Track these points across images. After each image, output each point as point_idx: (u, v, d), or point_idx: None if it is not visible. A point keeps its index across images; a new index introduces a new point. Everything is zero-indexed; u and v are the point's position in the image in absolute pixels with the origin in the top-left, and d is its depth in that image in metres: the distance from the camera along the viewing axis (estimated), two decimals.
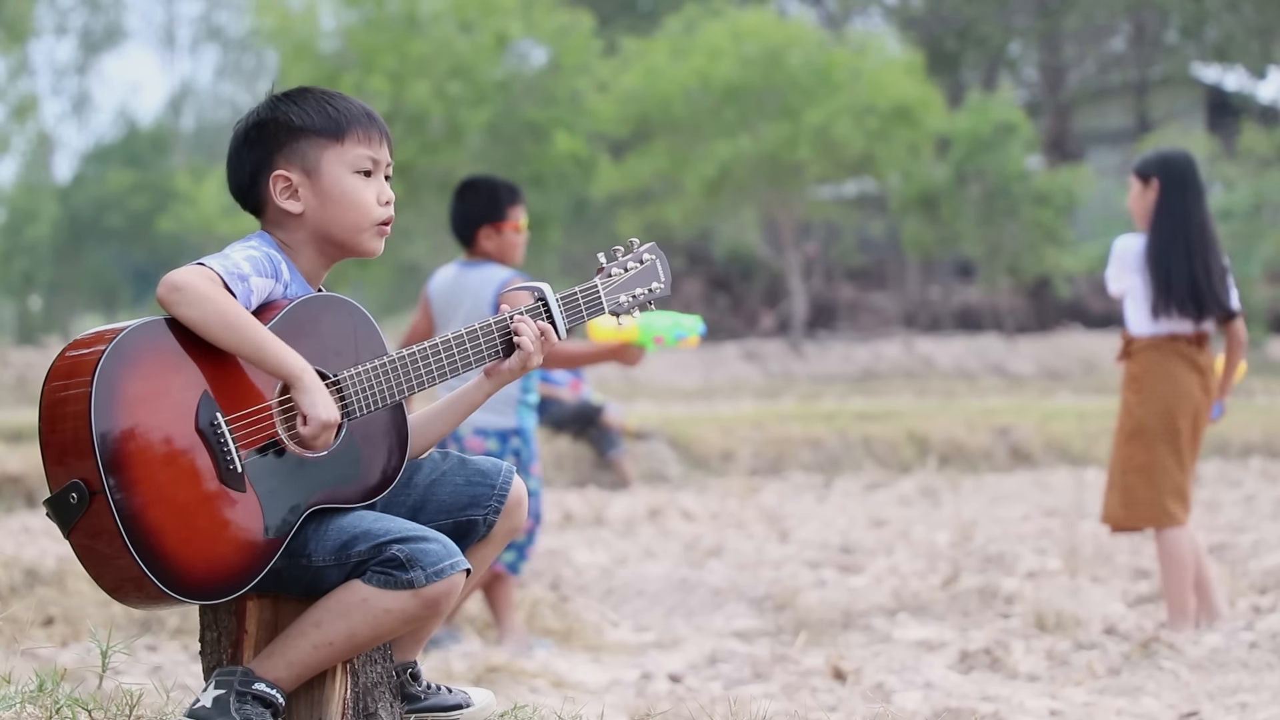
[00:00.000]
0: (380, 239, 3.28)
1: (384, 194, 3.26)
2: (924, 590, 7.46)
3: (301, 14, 28.36)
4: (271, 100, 3.24)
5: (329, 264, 3.28)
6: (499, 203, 6.50)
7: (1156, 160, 6.44)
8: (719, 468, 13.23)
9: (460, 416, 3.34)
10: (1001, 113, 30.67)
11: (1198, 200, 6.35)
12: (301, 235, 3.23)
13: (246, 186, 3.24)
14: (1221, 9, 35.30)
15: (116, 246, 43.95)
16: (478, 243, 6.49)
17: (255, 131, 3.22)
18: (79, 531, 2.92)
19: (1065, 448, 14.16)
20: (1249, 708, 4.95)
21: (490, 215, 6.48)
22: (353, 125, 3.22)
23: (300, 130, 3.20)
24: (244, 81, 52.28)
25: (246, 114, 3.27)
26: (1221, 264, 6.37)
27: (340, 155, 3.21)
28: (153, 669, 5.66)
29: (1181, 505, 6.31)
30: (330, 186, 3.20)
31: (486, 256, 6.49)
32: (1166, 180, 6.36)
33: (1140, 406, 6.37)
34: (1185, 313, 6.29)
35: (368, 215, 3.23)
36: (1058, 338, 31.41)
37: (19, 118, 32.83)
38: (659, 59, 29.23)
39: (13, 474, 10.62)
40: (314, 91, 3.25)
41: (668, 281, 3.47)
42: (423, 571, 3.03)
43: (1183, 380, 6.33)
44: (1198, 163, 6.50)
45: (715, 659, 6.17)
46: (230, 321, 2.96)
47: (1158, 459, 6.30)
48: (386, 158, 3.27)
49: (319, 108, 3.21)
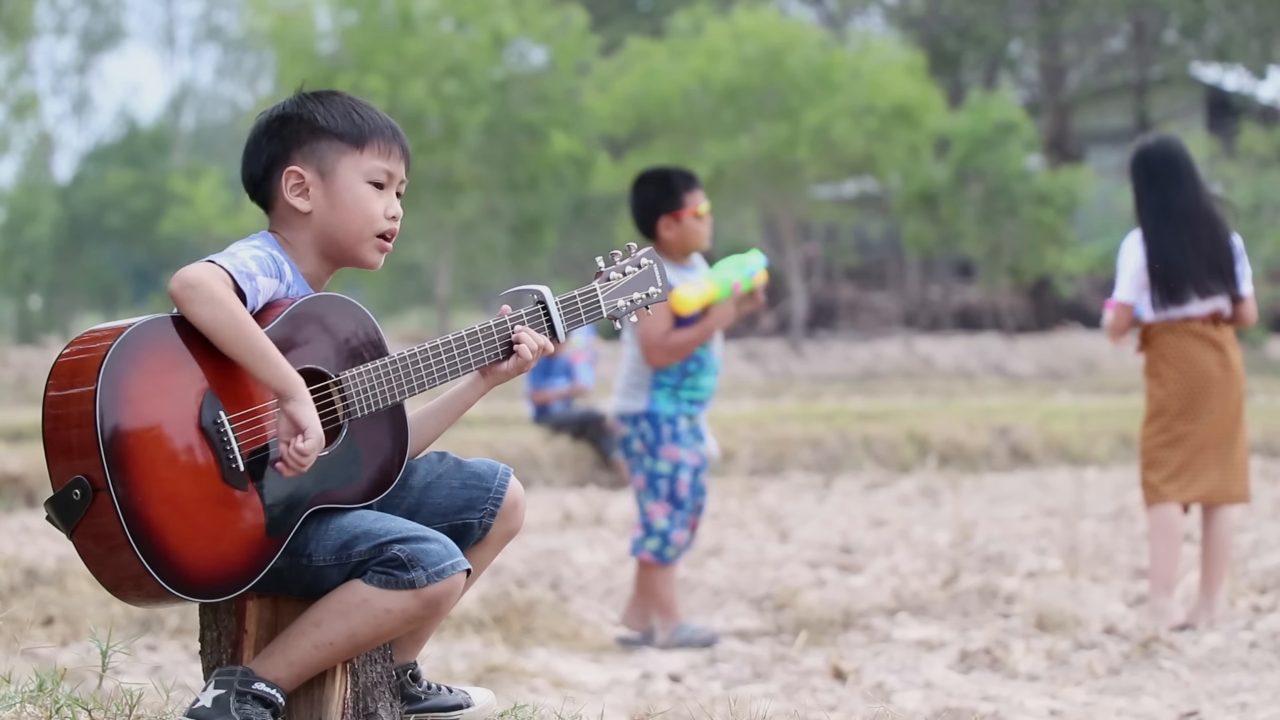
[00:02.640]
0: (380, 254, 3.27)
1: (392, 208, 3.26)
2: (924, 590, 7.46)
3: (297, 14, 28.34)
4: (300, 97, 3.25)
5: (331, 269, 3.28)
6: (674, 191, 6.53)
7: (1132, 155, 6.50)
8: (719, 468, 13.23)
9: (454, 416, 3.34)
10: (1001, 112, 30.68)
11: (1172, 185, 6.37)
12: (306, 236, 3.23)
13: (259, 178, 3.24)
14: (1221, 9, 35.30)
15: (116, 246, 43.96)
16: (658, 233, 6.54)
17: (278, 124, 3.23)
18: (81, 529, 2.92)
19: (1065, 448, 14.16)
20: (1249, 708, 4.95)
21: (667, 204, 6.53)
22: (374, 136, 3.23)
23: (323, 131, 3.21)
24: (244, 81, 52.32)
25: (272, 106, 3.28)
26: (1215, 244, 6.36)
27: (357, 163, 3.21)
28: (153, 669, 5.66)
29: (1177, 486, 6.35)
30: (341, 191, 3.21)
31: (666, 245, 6.53)
32: (1135, 172, 6.45)
33: (1161, 389, 6.41)
34: (1178, 299, 6.33)
35: (371, 225, 3.23)
36: (1058, 338, 31.42)
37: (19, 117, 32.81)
38: (660, 59, 29.24)
39: (13, 474, 10.63)
40: (343, 97, 3.26)
41: (665, 287, 3.48)
42: (424, 571, 3.03)
43: (1199, 360, 6.37)
44: (1174, 146, 6.46)
45: (715, 659, 6.17)
46: (235, 327, 2.96)
47: (1174, 439, 6.35)
48: (402, 175, 3.28)
49: (345, 113, 3.23)
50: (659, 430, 6.50)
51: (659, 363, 6.44)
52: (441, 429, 3.34)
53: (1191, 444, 6.39)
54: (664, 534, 6.51)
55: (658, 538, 6.52)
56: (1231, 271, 6.39)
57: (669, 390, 6.51)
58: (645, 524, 6.53)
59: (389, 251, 3.30)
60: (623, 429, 6.59)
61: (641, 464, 6.53)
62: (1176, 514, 6.38)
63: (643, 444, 6.51)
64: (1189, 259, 6.33)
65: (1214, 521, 6.43)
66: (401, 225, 3.32)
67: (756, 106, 29.08)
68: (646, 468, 6.52)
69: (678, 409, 6.52)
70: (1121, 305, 6.45)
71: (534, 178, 28.87)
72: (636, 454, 6.54)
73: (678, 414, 6.52)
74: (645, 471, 6.52)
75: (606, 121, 29.37)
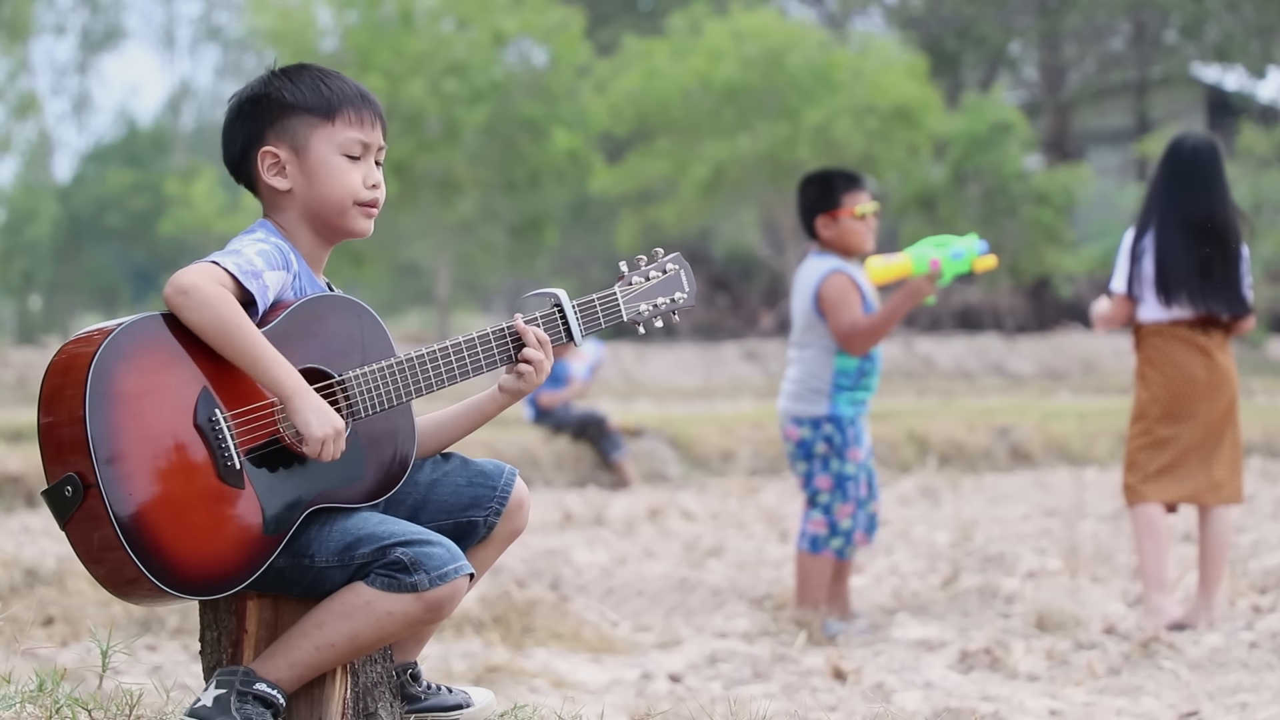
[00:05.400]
0: (367, 220, 3.26)
1: (370, 177, 3.24)
2: (924, 590, 7.46)
3: (298, 13, 28.34)
4: (268, 75, 3.25)
5: (326, 245, 3.27)
6: (832, 191, 6.68)
7: (1165, 148, 6.50)
8: (719, 468, 13.23)
9: (470, 427, 3.32)
10: (997, 112, 30.67)
11: (1187, 191, 6.36)
12: (294, 215, 3.22)
13: (238, 160, 3.25)
14: (1221, 9, 35.29)
15: (116, 246, 43.92)
16: (818, 233, 6.70)
17: (249, 106, 3.23)
18: (74, 525, 2.93)
19: (1065, 448, 14.16)
20: (1249, 708, 4.95)
21: (824, 204, 6.67)
22: (344, 106, 3.21)
23: (292, 107, 3.20)
24: (244, 81, 52.22)
25: (242, 87, 3.28)
26: (1224, 259, 6.35)
27: (330, 135, 3.20)
28: (153, 669, 5.66)
29: (1157, 486, 6.36)
30: (317, 166, 3.20)
31: (827, 245, 6.69)
32: (1160, 165, 6.51)
33: (1145, 391, 6.43)
34: (1167, 302, 6.35)
35: (352, 195, 3.22)
36: (1058, 338, 31.40)
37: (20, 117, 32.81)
38: (660, 60, 29.23)
39: (13, 474, 10.63)
40: (310, 69, 3.25)
41: (692, 292, 3.42)
42: (426, 575, 3.03)
43: (1184, 364, 6.36)
44: (1203, 152, 6.41)
45: (715, 659, 6.16)
46: (229, 332, 2.96)
47: (1155, 441, 6.36)
48: (379, 140, 3.26)
49: (313, 86, 3.21)
50: (844, 433, 6.64)
51: (861, 350, 6.55)
52: (455, 438, 3.32)
53: (1175, 447, 6.39)
54: (848, 533, 6.69)
55: (842, 537, 6.69)
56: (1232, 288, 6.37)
57: (847, 392, 6.64)
58: (831, 524, 6.67)
59: (375, 216, 3.29)
60: (799, 432, 6.67)
61: (827, 467, 6.65)
62: (1158, 513, 6.39)
63: (828, 447, 6.64)
64: (1184, 267, 6.32)
65: (1209, 522, 6.43)
66: (401, 225, 3.32)
67: (756, 106, 29.08)
68: (834, 470, 6.65)
69: (855, 410, 6.67)
70: (1118, 297, 6.45)
71: (534, 176, 28.85)
72: (819, 456, 6.66)
73: (856, 415, 6.67)
74: (833, 474, 6.65)
75: (606, 121, 29.35)
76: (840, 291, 6.57)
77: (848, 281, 6.62)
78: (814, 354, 6.66)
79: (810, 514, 6.73)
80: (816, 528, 6.71)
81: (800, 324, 6.73)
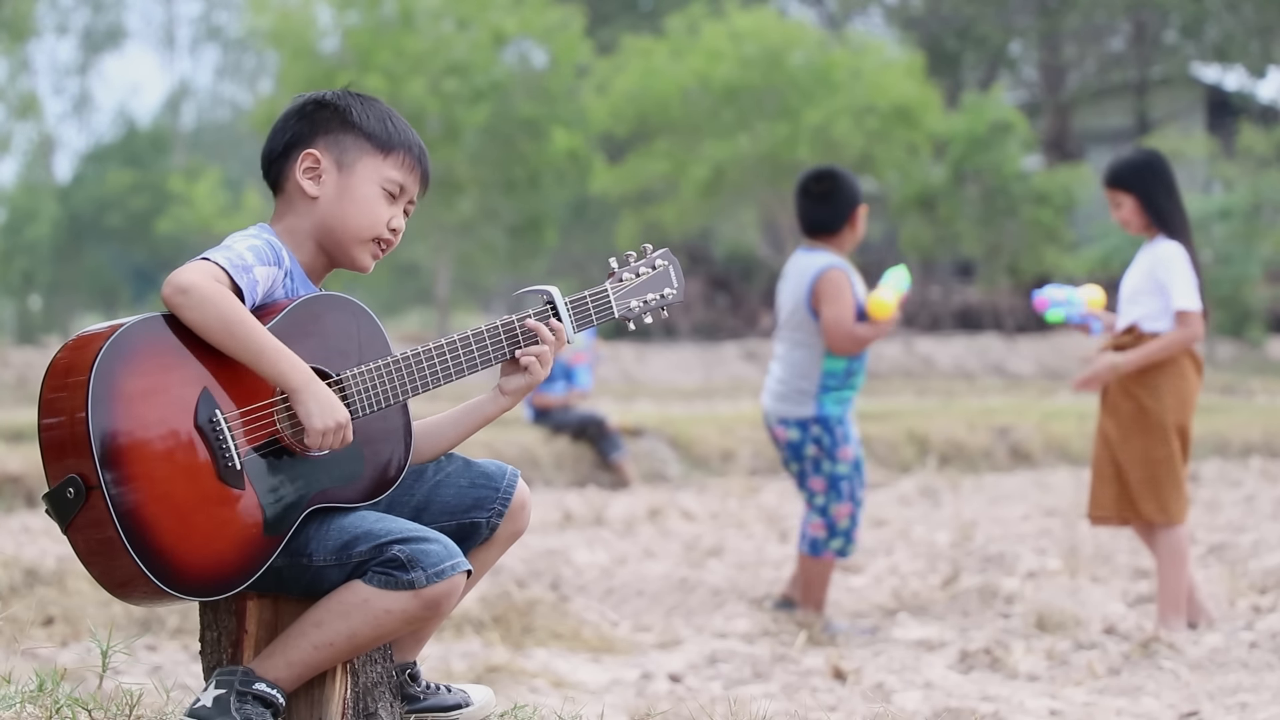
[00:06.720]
0: (372, 259, 3.30)
1: (395, 220, 3.30)
2: (924, 590, 7.46)
3: (298, 13, 28.34)
4: (343, 90, 3.30)
5: (326, 266, 3.28)
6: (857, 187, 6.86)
7: (1142, 161, 6.48)
8: (719, 468, 13.23)
9: (471, 429, 3.32)
10: (997, 112, 30.67)
11: (1180, 197, 6.42)
12: (307, 224, 3.23)
13: (278, 154, 3.27)
14: (1221, 9, 35.30)
15: (116, 246, 43.92)
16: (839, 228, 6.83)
17: (313, 107, 3.27)
18: (76, 526, 2.93)
19: (1065, 448, 14.16)
20: (1249, 708, 4.95)
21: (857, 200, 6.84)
22: (401, 148, 3.27)
23: (353, 126, 3.25)
24: (244, 81, 52.28)
25: (312, 91, 3.32)
26: None
27: (377, 167, 3.25)
28: (153, 669, 5.66)
29: (1188, 505, 6.33)
30: (353, 188, 3.23)
31: (828, 242, 6.85)
32: (1157, 178, 6.46)
33: (1157, 402, 6.28)
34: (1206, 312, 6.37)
35: (374, 228, 3.25)
36: (1058, 338, 31.38)
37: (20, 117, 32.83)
38: (659, 60, 29.23)
39: (13, 474, 10.63)
40: (383, 105, 3.31)
41: (681, 288, 3.45)
42: (424, 572, 3.03)
43: (1191, 379, 6.34)
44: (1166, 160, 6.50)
45: (715, 659, 6.16)
46: (233, 328, 2.96)
47: (1173, 453, 6.28)
48: (415, 193, 3.32)
49: (380, 118, 3.27)
50: (833, 433, 6.69)
51: (845, 351, 6.63)
52: (456, 440, 3.32)
53: (1182, 461, 6.35)
54: (847, 533, 6.75)
55: (841, 537, 6.75)
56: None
57: (834, 393, 6.69)
58: (829, 525, 6.72)
59: (379, 260, 3.32)
60: (787, 434, 6.72)
61: (819, 469, 6.70)
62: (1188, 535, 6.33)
63: (818, 448, 6.70)
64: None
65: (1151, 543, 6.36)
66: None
67: (756, 106, 29.08)
68: (827, 471, 6.69)
69: (842, 409, 6.71)
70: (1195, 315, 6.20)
71: (534, 176, 28.85)
72: (811, 458, 6.71)
73: (843, 414, 6.71)
74: (825, 476, 6.70)
75: (605, 121, 29.35)
76: (837, 287, 6.62)
77: (844, 279, 6.66)
78: (802, 355, 6.70)
79: (809, 516, 6.77)
80: (815, 530, 6.75)
81: (790, 318, 6.76)
